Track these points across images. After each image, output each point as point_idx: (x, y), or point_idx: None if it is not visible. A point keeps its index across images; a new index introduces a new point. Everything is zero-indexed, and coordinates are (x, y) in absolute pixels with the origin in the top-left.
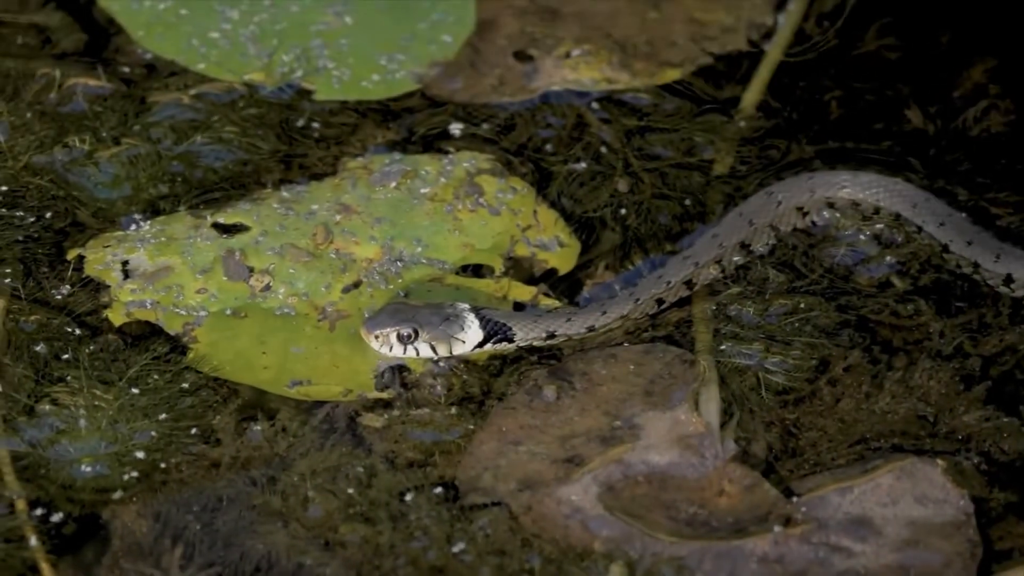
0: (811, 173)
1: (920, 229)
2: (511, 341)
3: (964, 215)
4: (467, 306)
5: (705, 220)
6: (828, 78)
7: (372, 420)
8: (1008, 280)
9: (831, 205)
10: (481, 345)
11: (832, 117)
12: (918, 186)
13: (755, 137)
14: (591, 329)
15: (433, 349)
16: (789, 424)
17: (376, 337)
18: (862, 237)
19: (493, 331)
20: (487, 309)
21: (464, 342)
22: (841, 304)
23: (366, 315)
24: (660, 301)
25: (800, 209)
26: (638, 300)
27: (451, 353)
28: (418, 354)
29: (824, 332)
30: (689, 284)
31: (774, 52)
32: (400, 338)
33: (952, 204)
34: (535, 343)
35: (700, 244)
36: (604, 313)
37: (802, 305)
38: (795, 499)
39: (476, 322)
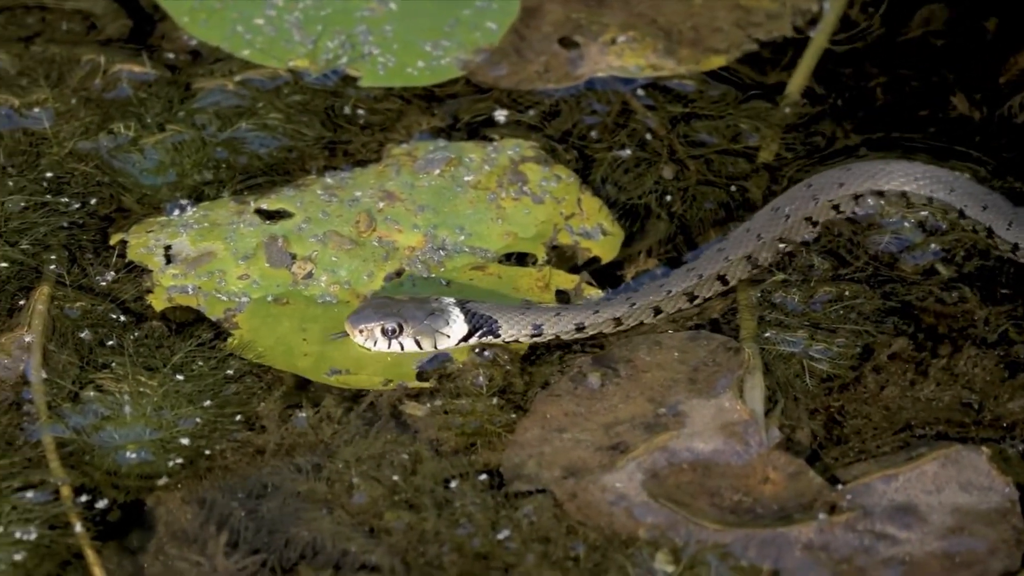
0: (809, 180)
1: (931, 200)
2: (496, 335)
3: (968, 176)
4: (452, 300)
5: (751, 208)
6: (873, 65)
7: (415, 409)
8: (1015, 248)
9: (836, 208)
10: (466, 339)
11: (877, 104)
12: (916, 161)
13: (800, 124)
14: (580, 328)
15: (418, 344)
16: (834, 412)
17: (360, 331)
18: (906, 224)
19: (478, 325)
20: (473, 303)
21: (449, 336)
22: (886, 291)
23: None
24: (657, 310)
25: (809, 219)
26: (634, 304)
27: (435, 348)
28: (402, 349)
29: (869, 319)
30: (691, 297)
31: (819, 39)
32: (385, 332)
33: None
34: (521, 338)
35: (705, 256)
36: (596, 312)
37: (847, 292)
38: (840, 487)
39: (461, 316)
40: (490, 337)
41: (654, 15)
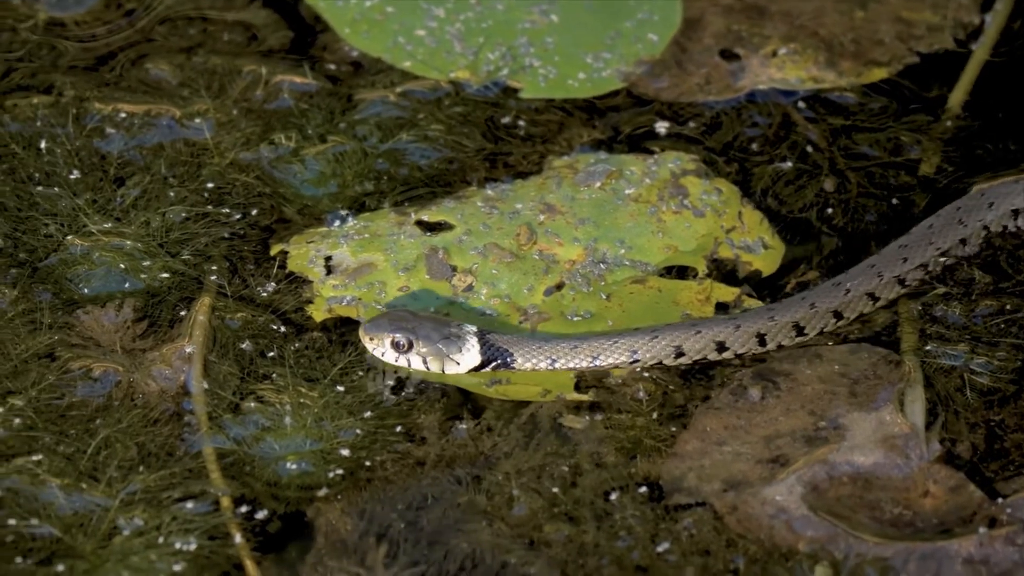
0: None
1: None
2: (511, 367)
3: None
4: (473, 328)
5: (912, 221)
6: None
7: (575, 421)
8: None
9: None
10: (478, 369)
11: None
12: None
13: (962, 137)
14: (594, 360)
15: (426, 364)
16: (994, 425)
17: (371, 339)
18: None
19: (492, 357)
20: (494, 333)
21: (459, 363)
22: None
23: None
24: (679, 352)
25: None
26: (656, 337)
27: (443, 371)
28: (409, 365)
29: None
30: (721, 347)
31: (981, 51)
32: (394, 345)
33: None
34: (537, 368)
35: (752, 313)
36: (613, 342)
37: (1008, 306)
38: (1000, 500)
39: (477, 346)
40: (503, 368)
41: (815, 27)
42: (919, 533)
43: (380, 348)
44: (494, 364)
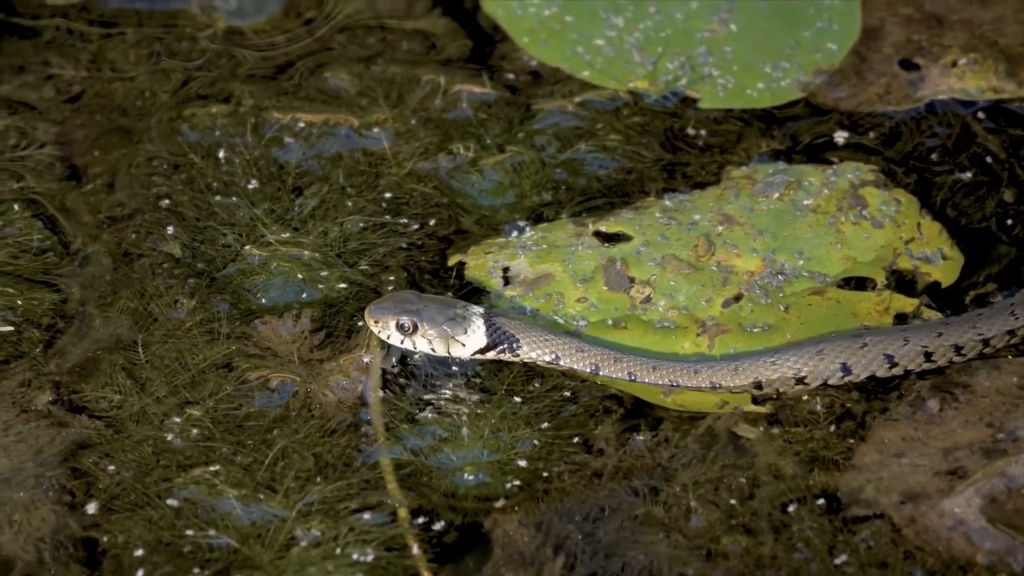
0: None
1: None
2: (516, 354)
3: None
4: (479, 310)
5: None
6: None
7: (748, 431)
8: None
9: None
10: (483, 352)
11: None
12: None
13: None
14: (595, 369)
15: (431, 346)
16: None
17: (376, 322)
18: None
19: (498, 340)
20: (501, 317)
21: (464, 345)
22: None
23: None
24: (675, 384)
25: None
26: (655, 368)
27: (449, 353)
28: (415, 347)
29: None
30: (715, 388)
31: None
32: (399, 327)
33: None
34: (539, 362)
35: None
36: (617, 361)
37: None
38: None
39: (483, 328)
40: (508, 355)
41: (995, 37)
42: None
43: (385, 331)
44: (500, 348)
